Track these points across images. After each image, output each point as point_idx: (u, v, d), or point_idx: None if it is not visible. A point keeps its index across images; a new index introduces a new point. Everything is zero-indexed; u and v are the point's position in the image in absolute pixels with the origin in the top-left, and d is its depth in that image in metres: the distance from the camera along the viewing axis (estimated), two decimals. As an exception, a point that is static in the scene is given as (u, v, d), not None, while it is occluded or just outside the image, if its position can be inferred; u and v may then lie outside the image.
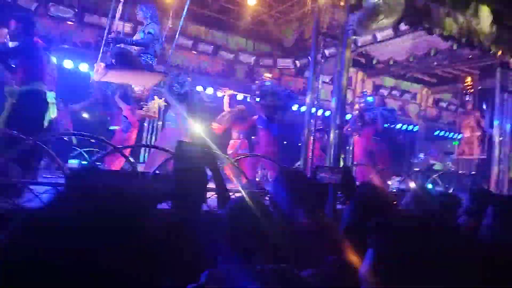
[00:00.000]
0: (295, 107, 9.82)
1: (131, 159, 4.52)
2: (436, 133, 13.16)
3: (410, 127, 12.48)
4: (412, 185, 5.09)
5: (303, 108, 9.46)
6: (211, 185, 1.96)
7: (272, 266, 1.33)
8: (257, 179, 6.49)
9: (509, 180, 6.34)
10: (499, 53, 6.14)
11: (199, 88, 8.94)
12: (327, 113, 8.59)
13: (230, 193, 2.38)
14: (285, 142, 10.25)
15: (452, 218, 2.83)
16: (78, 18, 7.38)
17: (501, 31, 5.76)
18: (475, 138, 11.26)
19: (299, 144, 5.79)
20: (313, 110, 5.36)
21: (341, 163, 9.15)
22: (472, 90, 11.01)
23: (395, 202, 2.56)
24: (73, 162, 6.66)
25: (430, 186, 7.34)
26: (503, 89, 6.33)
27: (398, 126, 12.03)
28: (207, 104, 7.79)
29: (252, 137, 7.23)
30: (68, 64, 7.37)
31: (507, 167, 6.35)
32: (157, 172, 3.71)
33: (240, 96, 8.58)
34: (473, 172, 8.50)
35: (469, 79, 10.96)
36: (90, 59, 6.73)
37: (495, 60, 6.50)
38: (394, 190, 5.05)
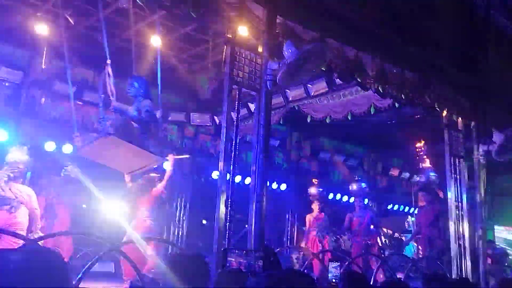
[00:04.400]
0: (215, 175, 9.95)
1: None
2: (388, 207, 14.01)
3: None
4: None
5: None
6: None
7: None
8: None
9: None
10: (444, 112, 6.99)
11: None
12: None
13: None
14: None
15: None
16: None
17: (443, 88, 6.62)
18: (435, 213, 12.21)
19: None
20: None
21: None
22: (425, 155, 12.13)
23: None
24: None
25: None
26: (452, 153, 7.08)
27: (345, 198, 12.66)
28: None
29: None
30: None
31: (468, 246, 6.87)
32: None
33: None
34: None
35: (421, 142, 12.10)
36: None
37: (442, 120, 7.33)
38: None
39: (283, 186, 11.40)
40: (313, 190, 10.48)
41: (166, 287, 2.21)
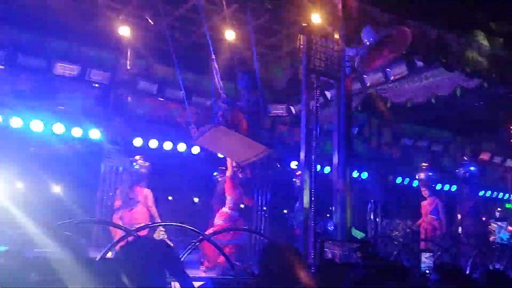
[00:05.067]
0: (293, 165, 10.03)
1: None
2: (480, 193, 13.25)
3: (447, 187, 12.58)
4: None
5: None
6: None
7: None
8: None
9: None
10: (541, 90, 6.50)
11: (167, 145, 9.12)
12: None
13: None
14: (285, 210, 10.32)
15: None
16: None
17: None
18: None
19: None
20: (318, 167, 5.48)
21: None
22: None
23: None
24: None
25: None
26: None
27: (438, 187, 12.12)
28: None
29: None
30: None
31: None
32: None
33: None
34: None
35: (515, 124, 11.30)
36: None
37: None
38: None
39: (364, 175, 11.19)
40: (422, 175, 10.21)
41: (257, 275, 2.28)
